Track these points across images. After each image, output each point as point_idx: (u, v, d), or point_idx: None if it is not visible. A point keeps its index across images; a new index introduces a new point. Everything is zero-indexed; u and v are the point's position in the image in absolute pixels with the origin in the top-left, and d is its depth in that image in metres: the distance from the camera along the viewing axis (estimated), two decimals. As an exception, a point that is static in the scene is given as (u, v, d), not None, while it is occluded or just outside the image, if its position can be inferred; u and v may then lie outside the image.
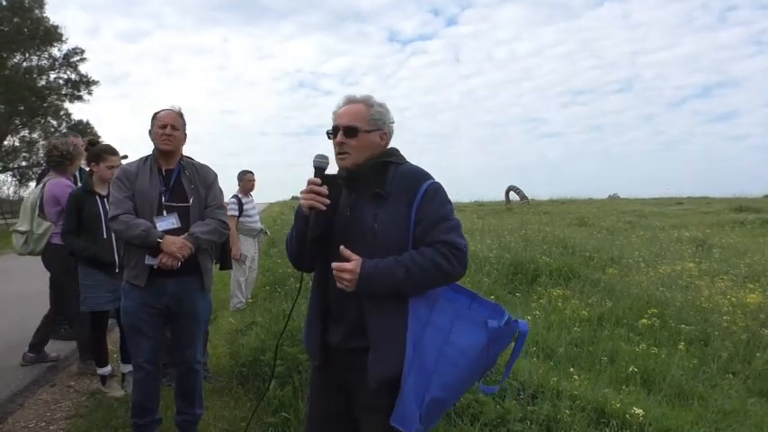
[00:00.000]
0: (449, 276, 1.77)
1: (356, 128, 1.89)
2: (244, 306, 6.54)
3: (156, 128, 2.93)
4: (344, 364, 1.91)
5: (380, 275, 1.74)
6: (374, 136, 1.91)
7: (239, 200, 6.55)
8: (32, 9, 26.44)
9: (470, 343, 1.73)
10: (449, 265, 1.74)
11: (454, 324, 1.75)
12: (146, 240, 2.79)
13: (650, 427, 3.06)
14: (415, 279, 1.73)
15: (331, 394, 1.98)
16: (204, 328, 3.32)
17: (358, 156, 1.90)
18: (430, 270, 1.73)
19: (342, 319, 1.91)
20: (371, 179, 1.87)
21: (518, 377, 3.51)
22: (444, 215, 1.81)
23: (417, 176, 1.86)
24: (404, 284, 1.73)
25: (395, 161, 1.91)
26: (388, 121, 1.95)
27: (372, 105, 1.94)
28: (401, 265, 1.73)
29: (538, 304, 5.96)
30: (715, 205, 22.38)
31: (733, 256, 8.79)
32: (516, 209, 24.11)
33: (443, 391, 1.73)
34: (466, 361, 1.73)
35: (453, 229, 1.79)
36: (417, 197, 1.80)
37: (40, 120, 29.64)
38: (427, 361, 1.72)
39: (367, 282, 1.74)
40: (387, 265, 1.74)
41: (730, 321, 5.14)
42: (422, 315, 1.76)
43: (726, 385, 4.07)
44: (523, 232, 10.80)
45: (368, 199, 1.85)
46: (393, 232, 1.80)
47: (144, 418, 3.07)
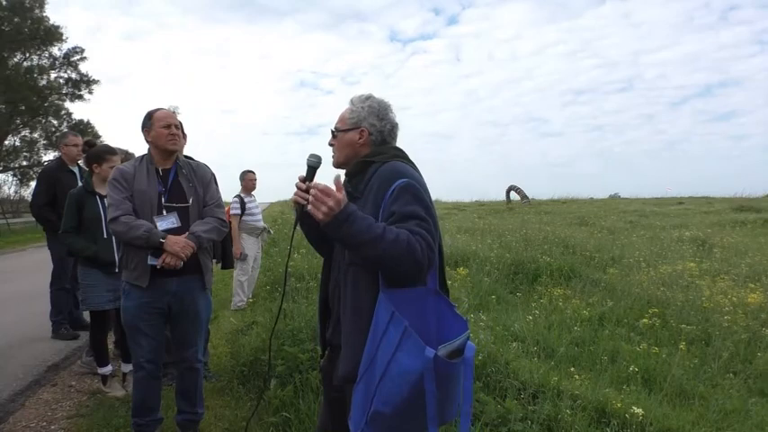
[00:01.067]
0: (414, 260, 1.66)
1: (336, 128, 2.01)
2: (245, 305, 6.55)
3: (160, 128, 2.91)
4: (331, 358, 2.01)
5: (360, 220, 1.65)
6: (351, 135, 1.97)
7: (242, 199, 6.58)
8: (33, 9, 26.44)
9: (407, 366, 1.58)
10: (419, 250, 1.66)
11: (402, 341, 1.61)
12: (148, 241, 2.79)
13: (651, 426, 3.05)
14: (387, 244, 1.63)
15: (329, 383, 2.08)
16: (205, 328, 3.32)
17: (339, 155, 2.01)
18: (401, 244, 1.64)
19: (333, 314, 2.00)
20: (351, 177, 1.96)
21: (519, 377, 3.51)
22: (414, 213, 1.74)
23: (391, 176, 1.81)
24: (375, 244, 1.63)
25: (377, 160, 1.90)
26: (369, 118, 1.96)
27: (353, 103, 2.02)
28: (380, 225, 1.66)
29: (538, 304, 5.96)
30: (716, 205, 22.36)
31: (734, 256, 8.78)
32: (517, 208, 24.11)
33: (386, 407, 1.63)
34: (402, 381, 1.59)
35: (425, 228, 1.73)
36: (386, 197, 1.78)
37: (41, 119, 29.63)
38: (375, 372, 1.66)
39: (345, 218, 1.64)
40: (368, 217, 1.68)
41: (731, 321, 5.14)
42: (381, 323, 1.68)
43: (727, 385, 4.06)
44: (524, 232, 10.80)
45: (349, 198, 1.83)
46: None
47: (145, 418, 3.07)
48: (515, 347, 4.30)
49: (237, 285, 6.64)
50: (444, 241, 9.21)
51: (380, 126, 1.97)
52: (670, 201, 27.89)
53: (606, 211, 19.84)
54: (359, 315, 1.79)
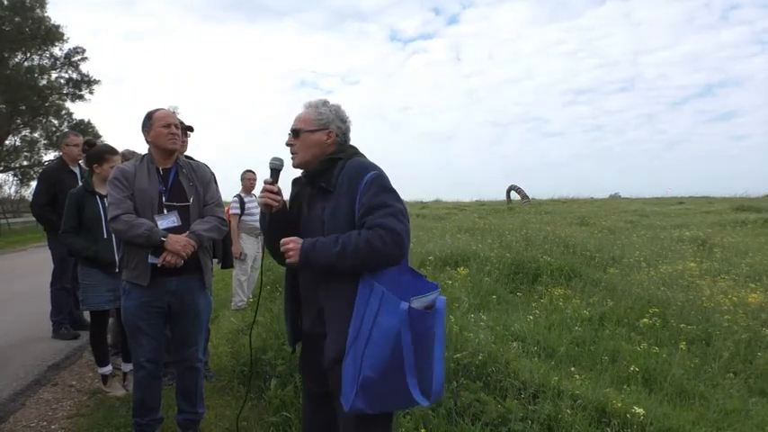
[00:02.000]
0: (383, 257, 1.84)
1: (299, 129, 2.10)
2: (245, 305, 6.55)
3: (160, 127, 2.92)
4: (315, 347, 2.06)
5: (319, 249, 1.89)
6: (319, 135, 2.09)
7: (241, 199, 6.59)
8: (34, 8, 26.45)
9: (388, 326, 1.77)
10: (383, 246, 1.83)
11: (381, 306, 1.81)
12: (149, 240, 2.79)
13: (651, 426, 3.05)
14: (350, 256, 1.84)
15: (311, 377, 2.18)
16: (205, 327, 3.32)
17: (304, 154, 2.09)
18: (363, 249, 1.83)
19: (308, 308, 2.10)
20: (320, 175, 2.05)
21: (519, 377, 3.51)
22: (382, 202, 1.91)
23: (360, 170, 1.98)
24: (339, 260, 1.86)
25: (343, 157, 2.06)
26: (336, 120, 2.12)
27: (318, 107, 2.12)
28: (339, 242, 1.87)
29: (539, 304, 5.96)
30: (716, 205, 22.33)
31: (734, 256, 8.77)
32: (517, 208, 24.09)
33: (373, 371, 1.78)
34: (385, 342, 1.77)
35: (391, 215, 1.88)
36: (360, 188, 1.93)
37: (42, 119, 29.65)
38: (361, 341, 1.82)
39: (306, 255, 1.89)
40: (325, 241, 1.90)
41: (731, 321, 5.13)
42: (363, 297, 1.87)
43: (727, 385, 4.06)
44: (524, 232, 10.78)
45: (319, 194, 2.04)
46: (340, 223, 1.95)
47: (145, 417, 3.07)
48: (516, 347, 4.30)
49: (237, 285, 6.65)
50: (445, 241, 9.24)
51: (344, 127, 2.15)
52: (670, 200, 27.88)
53: (606, 211, 19.82)
54: (342, 300, 1.92)
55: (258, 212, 6.82)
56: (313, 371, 2.13)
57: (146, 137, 2.98)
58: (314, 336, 2.06)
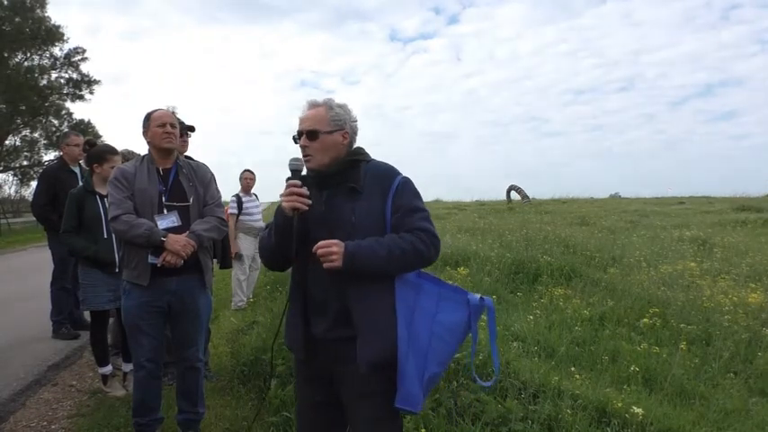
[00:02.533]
0: (424, 260, 1.92)
1: (317, 131, 2.00)
2: (245, 305, 6.55)
3: (156, 127, 2.94)
4: (330, 354, 1.98)
5: (364, 253, 1.85)
6: (336, 136, 2.02)
7: (239, 198, 6.59)
8: (34, 9, 26.48)
9: (455, 320, 1.91)
10: (425, 249, 1.89)
11: (439, 305, 1.90)
12: (149, 240, 2.79)
13: (651, 426, 3.05)
14: (395, 260, 1.86)
15: (315, 385, 2.07)
16: (205, 327, 3.32)
17: (321, 157, 2.01)
18: (409, 252, 1.86)
19: (324, 311, 1.99)
20: (344, 176, 1.99)
21: (519, 376, 3.51)
22: (418, 206, 1.96)
23: (389, 172, 2.02)
24: (385, 264, 1.86)
25: (364, 158, 2.05)
26: (349, 120, 2.06)
27: (332, 108, 2.04)
28: (383, 245, 1.86)
29: (539, 304, 5.96)
30: (716, 205, 22.32)
31: (734, 256, 8.76)
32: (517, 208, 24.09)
33: (439, 366, 1.89)
34: (453, 336, 1.91)
35: (427, 219, 1.96)
36: (392, 190, 1.95)
37: (42, 119, 29.67)
38: (421, 342, 1.85)
39: (351, 258, 1.83)
40: (368, 244, 1.86)
41: (732, 321, 5.13)
42: (409, 300, 1.89)
43: (727, 385, 4.06)
44: (525, 231, 10.78)
45: (343, 194, 1.98)
46: (370, 223, 1.92)
47: (146, 417, 3.07)
48: (516, 347, 4.30)
49: (236, 285, 6.65)
50: (445, 241, 9.24)
51: (355, 127, 2.10)
52: (671, 200, 27.87)
53: (607, 211, 19.82)
54: (378, 302, 1.89)
55: (257, 212, 6.89)
56: (323, 378, 2.02)
57: (145, 137, 2.99)
58: (331, 341, 1.95)
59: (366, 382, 1.89)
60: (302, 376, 2.12)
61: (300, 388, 2.16)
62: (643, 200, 30.32)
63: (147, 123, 2.96)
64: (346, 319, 1.90)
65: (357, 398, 1.94)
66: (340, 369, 1.96)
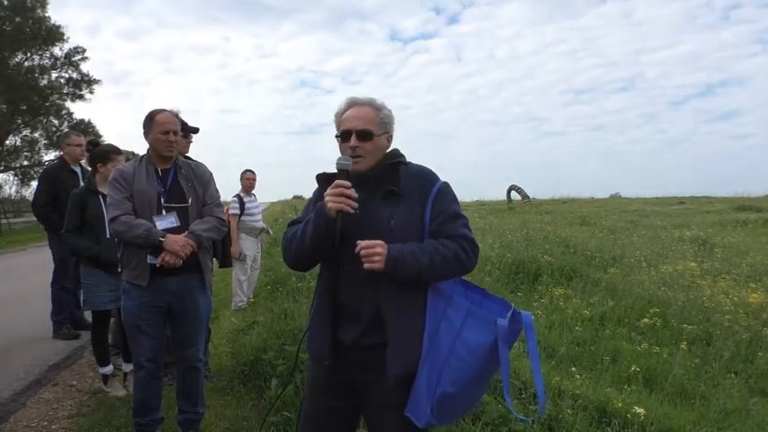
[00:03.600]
0: (464, 268, 1.85)
1: (371, 132, 1.91)
2: (245, 305, 6.55)
3: (159, 133, 2.91)
4: (357, 362, 1.90)
5: (407, 259, 1.79)
6: (383, 139, 1.97)
7: (241, 198, 6.58)
8: (34, 9, 26.48)
9: (480, 341, 1.74)
10: (466, 258, 1.84)
11: (465, 321, 1.78)
12: (148, 240, 2.79)
13: (652, 426, 3.05)
14: (437, 267, 1.80)
15: (333, 391, 1.98)
16: (205, 327, 3.32)
17: (371, 159, 1.93)
18: (451, 260, 1.81)
19: (356, 317, 1.90)
20: (385, 179, 1.91)
21: (520, 376, 3.51)
22: (458, 212, 1.92)
23: (429, 176, 1.96)
24: (426, 271, 1.80)
25: (403, 161, 1.98)
26: (392, 123, 2.01)
27: (381, 109, 1.98)
28: (425, 252, 1.80)
29: (539, 304, 5.96)
30: (717, 205, 22.33)
31: (735, 256, 8.77)
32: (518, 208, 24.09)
33: (453, 387, 1.75)
34: (474, 359, 1.75)
35: (467, 226, 1.90)
36: (432, 195, 1.89)
37: (42, 119, 29.66)
38: (440, 355, 1.77)
39: (394, 263, 1.77)
40: (411, 250, 1.80)
41: (732, 321, 5.14)
42: (438, 310, 1.83)
43: (728, 385, 4.06)
44: (525, 231, 10.79)
45: (380, 198, 1.89)
46: (409, 228, 1.87)
47: (146, 417, 3.07)
48: (516, 347, 4.30)
49: (237, 285, 6.64)
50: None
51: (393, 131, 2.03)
52: (671, 200, 27.86)
53: (607, 211, 19.82)
54: (408, 311, 1.83)
55: (258, 213, 6.88)
56: (345, 385, 1.95)
57: (146, 137, 2.98)
58: (361, 348, 1.88)
59: (392, 394, 1.83)
60: (320, 382, 2.03)
61: (314, 392, 2.07)
62: (643, 200, 30.32)
63: (150, 125, 2.94)
64: (379, 325, 1.83)
65: (383, 407, 1.89)
66: (365, 378, 1.89)
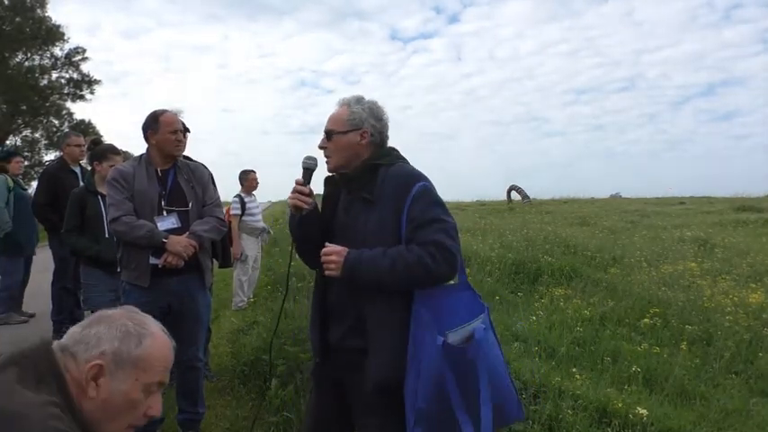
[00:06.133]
0: (434, 276, 1.75)
1: (332, 131, 1.93)
2: (245, 305, 6.55)
3: (167, 133, 2.92)
4: (343, 362, 1.92)
5: (365, 263, 1.76)
6: (352, 137, 1.91)
7: (242, 199, 6.56)
8: (34, 8, 26.49)
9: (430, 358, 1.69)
10: (434, 265, 1.72)
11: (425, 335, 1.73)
12: (150, 241, 2.79)
13: (652, 426, 3.05)
14: (399, 274, 1.73)
15: (328, 389, 2.01)
16: (205, 327, 3.32)
17: (338, 158, 1.93)
18: (415, 267, 1.72)
19: (341, 318, 1.92)
20: (361, 182, 1.88)
21: (520, 377, 3.51)
22: (435, 217, 1.79)
23: (408, 179, 1.84)
24: (387, 276, 1.73)
25: (384, 162, 1.90)
26: (369, 119, 1.94)
27: (350, 105, 1.95)
28: (387, 257, 1.74)
29: (540, 304, 5.95)
30: (717, 205, 22.30)
31: (735, 256, 8.76)
32: (518, 208, 24.08)
33: (423, 402, 1.70)
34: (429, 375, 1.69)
35: (444, 231, 1.77)
36: (408, 201, 1.79)
37: (42, 119, 29.66)
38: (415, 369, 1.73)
39: (351, 269, 1.76)
40: (371, 256, 1.76)
41: (733, 321, 5.13)
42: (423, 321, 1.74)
43: (728, 385, 4.06)
44: (525, 232, 10.78)
45: (360, 202, 1.88)
46: (383, 234, 1.81)
47: (146, 418, 3.07)
48: (517, 347, 4.30)
49: (238, 285, 6.64)
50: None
51: (380, 127, 1.97)
52: (671, 200, 27.84)
53: (607, 211, 19.80)
54: (390, 316, 1.79)
55: (259, 213, 6.87)
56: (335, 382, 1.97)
57: (149, 138, 2.97)
58: (344, 350, 1.91)
59: (371, 398, 1.83)
60: (315, 378, 2.09)
61: (314, 394, 2.13)
62: (644, 200, 30.29)
63: (156, 126, 2.93)
64: (360, 330, 1.83)
65: (362, 411, 1.90)
66: (350, 378, 1.91)
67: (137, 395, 1.14)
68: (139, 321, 1.19)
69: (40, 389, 1.02)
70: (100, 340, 1.14)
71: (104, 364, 1.11)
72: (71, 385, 1.09)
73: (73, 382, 1.10)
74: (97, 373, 1.10)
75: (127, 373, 1.12)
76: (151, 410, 1.17)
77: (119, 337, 1.14)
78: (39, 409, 0.97)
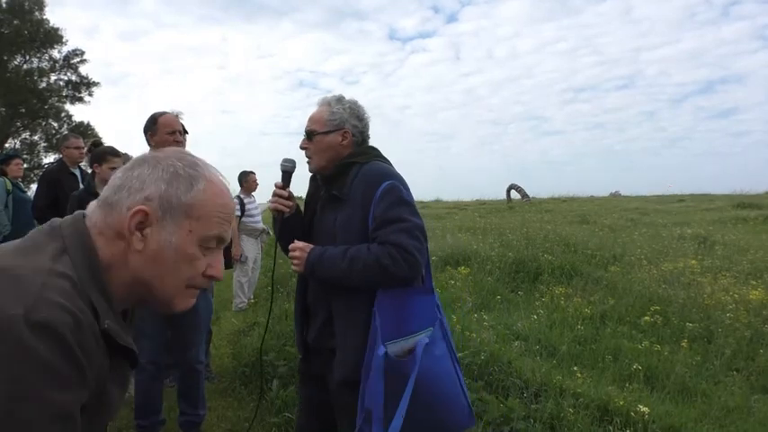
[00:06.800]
0: (392, 276, 1.71)
1: (313, 131, 1.92)
2: (246, 306, 6.55)
3: (165, 134, 2.94)
4: (320, 361, 1.95)
5: (324, 263, 1.78)
6: (333, 137, 1.91)
7: (241, 200, 6.56)
8: (32, 11, 26.50)
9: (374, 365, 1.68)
10: (393, 266, 1.69)
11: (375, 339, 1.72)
12: None
13: (654, 424, 3.05)
14: (357, 273, 1.72)
15: (311, 385, 2.06)
16: (206, 328, 3.32)
17: (319, 159, 1.93)
18: (372, 267, 1.71)
19: (316, 316, 1.96)
20: (335, 181, 1.89)
21: (521, 375, 3.51)
22: (397, 216, 1.75)
23: (377, 177, 1.81)
24: (346, 275, 1.74)
25: (359, 161, 1.89)
26: (351, 119, 1.93)
27: (331, 105, 1.94)
28: (346, 256, 1.75)
29: (540, 302, 5.96)
30: (717, 202, 22.30)
31: (735, 253, 8.76)
32: (518, 207, 24.09)
33: (370, 401, 1.69)
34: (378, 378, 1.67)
35: (405, 231, 1.73)
36: (375, 199, 1.78)
37: (41, 122, 29.67)
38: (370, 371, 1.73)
39: (312, 266, 1.79)
40: (332, 254, 1.77)
41: (733, 318, 5.13)
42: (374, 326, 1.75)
43: (729, 382, 4.06)
44: (525, 230, 10.78)
45: (331, 202, 1.89)
46: (351, 234, 1.80)
47: (147, 419, 3.07)
48: (518, 346, 4.30)
49: (238, 287, 6.64)
50: (446, 240, 9.23)
51: (361, 126, 1.97)
52: (671, 198, 27.85)
53: (607, 209, 19.81)
54: (351, 318, 1.80)
55: (258, 214, 6.87)
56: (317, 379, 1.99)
57: (149, 140, 2.99)
58: (318, 350, 1.95)
59: (340, 395, 1.86)
60: (301, 373, 2.14)
61: (301, 389, 2.18)
62: (644, 198, 30.31)
63: (155, 128, 2.96)
64: (331, 328, 1.85)
65: (336, 407, 1.93)
66: (326, 376, 1.93)
67: (192, 249, 0.94)
68: (191, 162, 0.98)
69: (56, 259, 0.86)
70: (143, 183, 0.94)
71: (149, 210, 0.92)
72: (104, 256, 0.91)
73: (110, 246, 0.93)
74: (142, 221, 0.92)
75: (178, 222, 0.93)
76: (212, 270, 0.98)
77: (165, 179, 0.94)
78: (42, 276, 0.80)
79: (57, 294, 0.79)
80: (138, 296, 0.95)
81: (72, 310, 0.79)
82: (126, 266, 0.92)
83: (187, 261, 0.94)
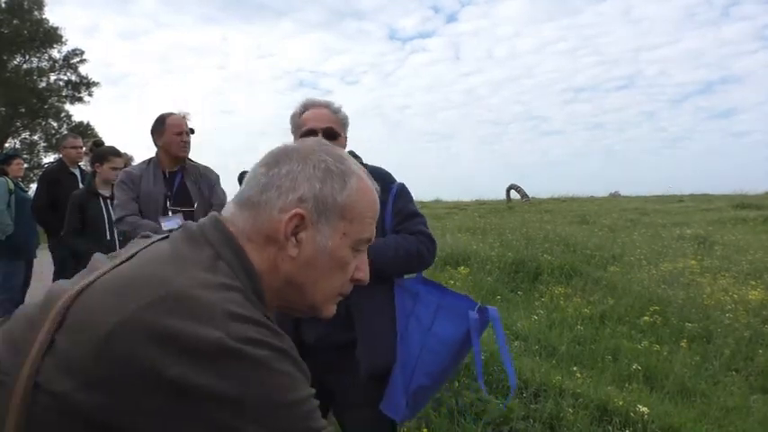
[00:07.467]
0: (425, 263, 1.92)
1: (337, 132, 1.92)
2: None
3: (173, 134, 2.97)
4: (321, 362, 1.85)
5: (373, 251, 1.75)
6: (343, 140, 2.02)
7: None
8: (32, 11, 26.52)
9: (451, 333, 1.82)
10: (427, 253, 1.91)
11: (437, 315, 1.85)
12: None
13: (653, 424, 3.06)
14: (401, 260, 1.85)
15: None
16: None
17: None
18: (413, 255, 1.86)
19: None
20: None
21: (521, 376, 3.52)
22: (416, 211, 1.99)
23: (387, 177, 2.00)
24: (390, 264, 1.83)
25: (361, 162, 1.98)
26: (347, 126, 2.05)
27: (338, 111, 2.00)
28: (390, 246, 1.84)
29: (540, 303, 5.97)
30: (716, 202, 22.31)
31: (735, 253, 8.77)
32: (517, 207, 24.11)
33: (427, 379, 1.82)
34: (446, 349, 1.83)
35: (425, 224, 1.98)
36: (390, 196, 1.94)
37: (41, 122, 29.70)
38: (411, 352, 1.83)
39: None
40: (377, 242, 1.78)
41: (732, 318, 5.14)
42: (407, 307, 1.87)
43: (728, 382, 4.07)
44: (525, 231, 10.79)
45: None
46: None
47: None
48: (517, 346, 4.31)
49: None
50: (445, 240, 9.24)
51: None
52: (670, 198, 27.87)
53: (607, 210, 19.82)
54: (380, 310, 1.86)
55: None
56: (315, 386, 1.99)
57: (156, 140, 3.02)
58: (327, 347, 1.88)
59: (362, 392, 1.83)
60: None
61: None
62: (643, 198, 30.33)
63: (162, 128, 2.99)
64: (347, 323, 1.81)
65: (351, 408, 1.90)
66: (332, 378, 1.88)
67: (346, 253, 0.88)
68: (338, 156, 0.89)
69: (214, 270, 0.78)
70: (295, 182, 0.84)
71: (305, 213, 0.83)
72: (255, 262, 0.84)
73: (260, 252, 0.85)
74: (298, 225, 0.83)
75: (333, 225, 0.85)
76: (359, 273, 0.92)
77: (319, 177, 0.85)
78: (213, 292, 0.74)
79: (235, 306, 0.74)
80: (285, 302, 0.90)
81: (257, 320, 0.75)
82: (277, 272, 0.85)
83: (340, 266, 0.89)
